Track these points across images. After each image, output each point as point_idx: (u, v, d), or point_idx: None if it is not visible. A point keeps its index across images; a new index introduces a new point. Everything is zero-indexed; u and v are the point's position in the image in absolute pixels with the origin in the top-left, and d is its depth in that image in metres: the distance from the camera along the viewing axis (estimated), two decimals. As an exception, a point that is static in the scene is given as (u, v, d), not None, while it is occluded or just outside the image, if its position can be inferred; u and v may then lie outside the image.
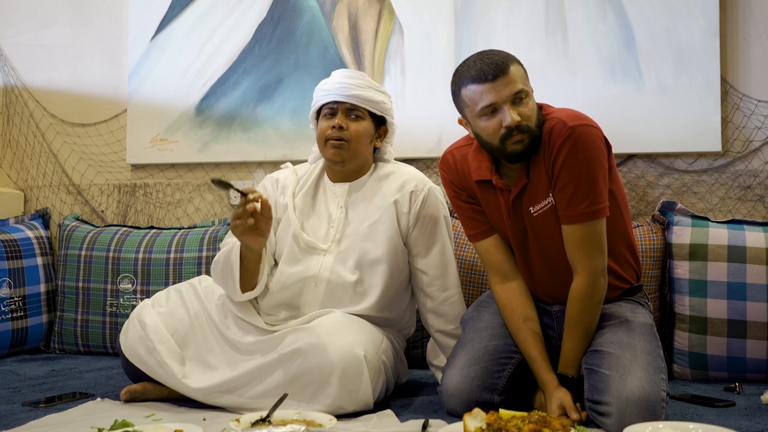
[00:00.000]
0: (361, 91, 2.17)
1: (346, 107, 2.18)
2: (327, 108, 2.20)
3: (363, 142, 2.20)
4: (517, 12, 2.87)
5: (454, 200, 2.11)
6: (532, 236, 1.99)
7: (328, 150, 2.19)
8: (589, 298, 1.90)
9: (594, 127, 1.88)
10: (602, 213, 1.88)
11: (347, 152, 2.18)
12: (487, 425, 1.49)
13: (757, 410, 2.01)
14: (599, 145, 1.87)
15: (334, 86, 2.18)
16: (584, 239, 1.88)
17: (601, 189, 1.88)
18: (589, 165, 1.85)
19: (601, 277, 1.90)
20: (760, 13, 2.70)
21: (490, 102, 1.85)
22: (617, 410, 1.72)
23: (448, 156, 2.11)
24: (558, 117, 1.88)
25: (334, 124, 2.17)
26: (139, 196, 3.37)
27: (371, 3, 3.06)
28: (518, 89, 1.84)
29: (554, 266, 1.99)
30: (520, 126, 1.85)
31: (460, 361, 1.97)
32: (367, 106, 2.19)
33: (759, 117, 2.68)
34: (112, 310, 2.96)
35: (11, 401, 2.16)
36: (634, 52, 2.74)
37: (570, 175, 1.86)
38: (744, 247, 2.40)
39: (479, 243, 2.09)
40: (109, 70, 3.42)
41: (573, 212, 1.87)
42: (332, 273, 2.15)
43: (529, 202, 1.96)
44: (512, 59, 1.88)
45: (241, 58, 3.19)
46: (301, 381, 1.93)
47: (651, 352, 1.85)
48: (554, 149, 1.86)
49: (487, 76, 1.84)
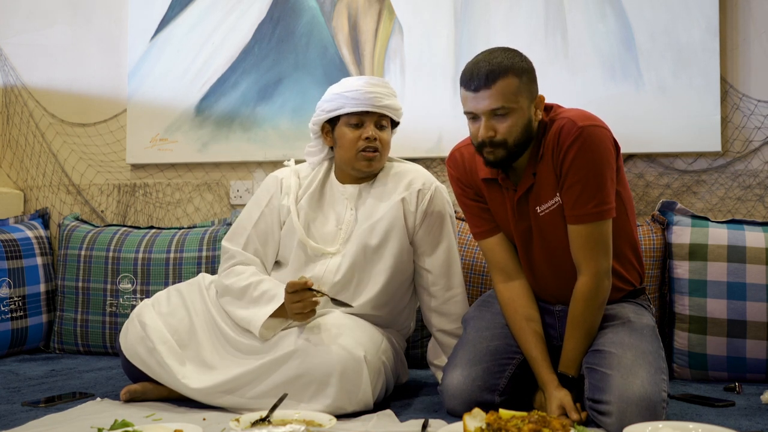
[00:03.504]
0: (389, 101, 2.17)
1: (377, 117, 2.17)
2: (353, 116, 2.16)
3: (389, 150, 2.23)
4: (517, 12, 2.87)
5: (460, 197, 2.11)
6: (537, 235, 1.99)
7: (360, 161, 2.17)
8: (593, 299, 1.90)
9: (603, 128, 1.88)
10: (609, 214, 1.88)
11: (379, 163, 2.20)
12: (487, 425, 1.49)
13: (757, 410, 2.01)
14: (608, 146, 1.87)
15: (363, 96, 2.13)
16: (590, 239, 1.88)
17: (608, 190, 1.87)
18: (597, 165, 1.85)
19: (605, 278, 1.90)
20: (759, 13, 2.70)
21: (470, 110, 1.88)
22: (618, 409, 1.72)
23: (456, 153, 2.11)
24: (568, 117, 1.88)
25: (368, 135, 2.14)
26: (139, 196, 3.37)
27: (371, 3, 3.06)
28: (496, 106, 1.83)
29: (558, 266, 1.99)
30: (492, 141, 1.86)
31: (462, 361, 1.97)
32: (393, 116, 2.20)
33: (759, 117, 2.68)
34: (112, 310, 2.96)
35: (11, 401, 2.16)
36: (634, 52, 2.74)
37: (578, 175, 1.85)
38: (744, 247, 2.40)
39: (484, 241, 2.09)
40: (108, 70, 3.41)
41: (580, 212, 1.87)
42: (336, 274, 2.15)
43: (535, 202, 1.96)
44: (508, 70, 1.83)
45: (240, 58, 3.19)
46: (301, 381, 1.93)
47: (653, 353, 1.85)
48: (563, 149, 1.86)
49: (470, 85, 1.86)
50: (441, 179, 2.96)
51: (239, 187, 3.22)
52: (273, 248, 2.24)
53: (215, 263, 2.89)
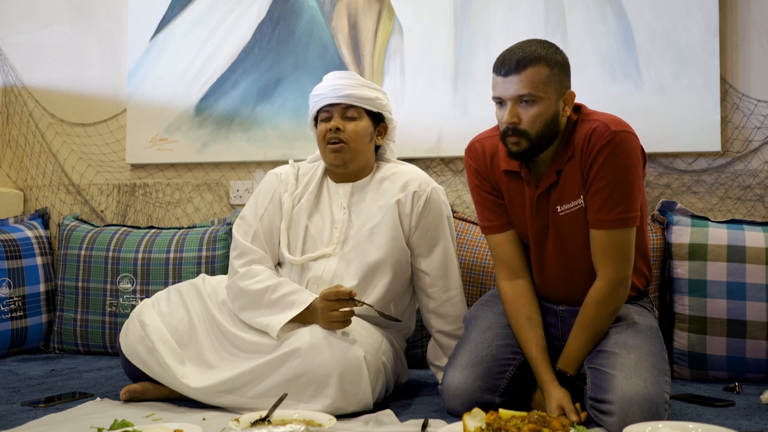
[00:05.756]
0: (353, 90, 2.17)
1: (341, 108, 2.18)
2: (323, 112, 2.20)
3: (362, 142, 2.20)
4: (517, 12, 2.87)
5: (476, 189, 2.09)
6: (552, 234, 1.98)
7: (328, 154, 2.19)
8: (605, 306, 1.89)
9: (634, 134, 1.88)
10: (633, 222, 1.87)
11: (348, 154, 2.18)
12: (487, 425, 1.49)
13: (757, 410, 2.01)
14: (637, 154, 1.87)
15: (326, 89, 2.18)
16: (611, 246, 1.87)
17: (635, 197, 1.87)
18: (626, 172, 1.84)
19: (621, 286, 1.89)
20: (759, 13, 2.70)
21: (497, 95, 1.89)
22: (620, 409, 1.72)
23: (477, 144, 2.08)
24: (600, 120, 1.87)
25: (330, 126, 2.16)
26: (139, 195, 3.37)
27: (371, 3, 3.06)
28: (523, 92, 1.83)
29: (570, 267, 1.99)
30: (516, 128, 1.86)
31: (462, 361, 1.97)
32: (361, 104, 2.18)
33: (758, 117, 2.68)
34: (112, 309, 2.96)
35: (11, 401, 2.16)
36: (634, 52, 2.74)
37: (605, 180, 1.85)
38: (743, 247, 2.40)
39: (494, 236, 2.07)
40: (108, 69, 3.42)
41: (604, 217, 1.86)
42: (335, 276, 2.15)
43: (556, 201, 1.94)
44: (540, 59, 1.84)
45: (240, 58, 3.19)
46: (301, 381, 1.93)
47: (656, 354, 1.85)
48: (593, 152, 1.85)
49: (500, 70, 1.87)
50: (440, 179, 2.96)
51: (239, 187, 3.22)
52: (277, 243, 2.24)
53: (215, 263, 2.89)
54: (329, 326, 1.98)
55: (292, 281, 2.15)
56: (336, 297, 1.96)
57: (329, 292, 1.97)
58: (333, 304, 1.96)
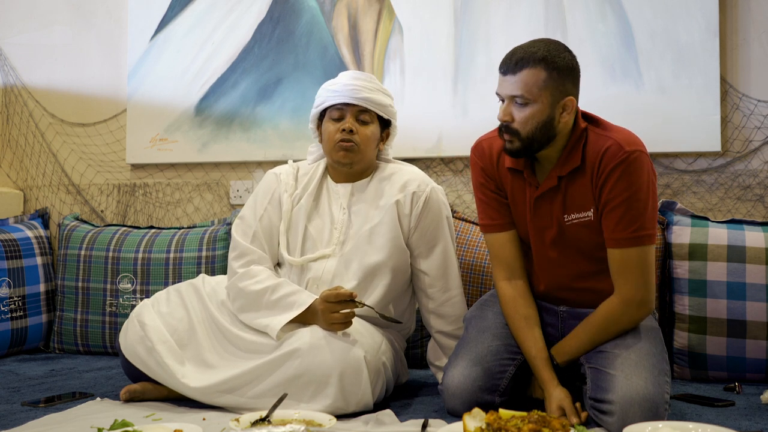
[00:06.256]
0: (370, 93, 2.16)
1: (356, 110, 2.17)
2: (335, 110, 2.18)
3: (371, 146, 2.20)
4: (517, 12, 2.87)
5: (480, 187, 2.08)
6: (557, 238, 1.97)
7: (336, 152, 2.17)
8: (614, 324, 1.89)
9: (646, 153, 1.87)
10: (648, 240, 1.86)
11: (357, 155, 2.18)
12: (487, 425, 1.49)
13: (757, 410, 2.01)
14: (650, 172, 1.87)
15: (343, 88, 2.15)
16: (627, 264, 1.87)
17: (649, 215, 1.86)
18: (640, 191, 1.84)
19: (636, 307, 1.88)
20: (759, 13, 2.70)
21: (497, 91, 1.92)
22: (620, 409, 1.72)
23: (484, 143, 2.08)
24: (614, 139, 1.86)
25: (344, 128, 2.15)
26: (139, 195, 3.37)
27: (371, 3, 3.06)
28: (515, 93, 1.85)
29: (571, 272, 1.99)
30: (508, 127, 1.88)
31: (463, 361, 1.97)
32: (376, 110, 2.18)
33: (758, 117, 2.68)
34: (112, 309, 2.96)
35: (11, 401, 2.16)
36: (634, 52, 2.74)
37: (619, 199, 1.85)
38: (743, 247, 2.40)
39: (494, 235, 2.07)
40: (108, 69, 3.42)
41: (619, 236, 1.86)
42: (335, 277, 2.15)
43: (560, 208, 1.94)
44: (539, 62, 1.83)
45: (240, 58, 3.19)
46: (301, 381, 1.93)
47: (656, 355, 1.85)
48: (605, 171, 1.85)
49: (502, 67, 1.89)
50: (440, 179, 2.96)
51: (239, 187, 3.22)
52: (277, 243, 2.24)
53: (215, 263, 2.89)
54: (330, 328, 1.97)
55: (292, 282, 2.15)
56: (336, 299, 1.96)
57: (329, 294, 1.97)
58: (333, 305, 1.96)
